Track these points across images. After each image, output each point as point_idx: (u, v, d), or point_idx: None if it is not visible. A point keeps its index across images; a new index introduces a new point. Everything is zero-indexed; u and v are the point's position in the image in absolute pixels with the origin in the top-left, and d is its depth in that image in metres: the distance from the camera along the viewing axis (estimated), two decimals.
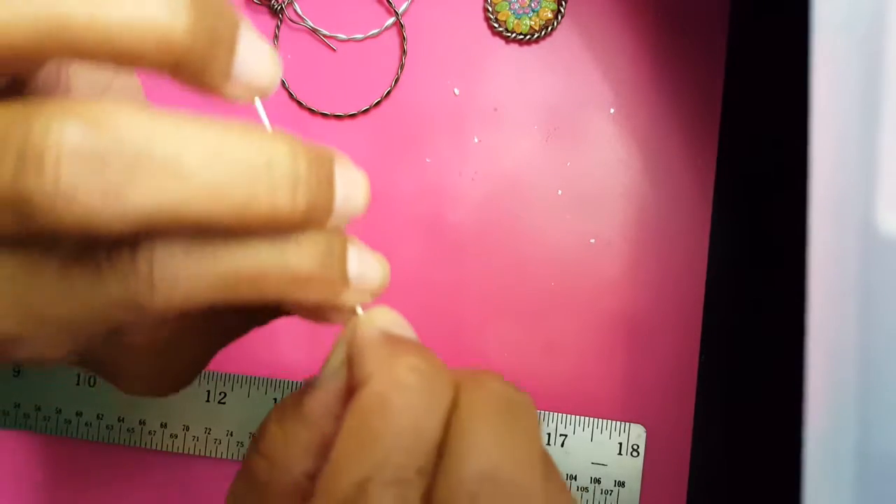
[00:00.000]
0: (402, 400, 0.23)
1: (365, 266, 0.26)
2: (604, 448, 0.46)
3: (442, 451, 0.23)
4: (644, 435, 0.46)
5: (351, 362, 0.25)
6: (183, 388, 0.31)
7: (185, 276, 0.21)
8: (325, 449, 0.25)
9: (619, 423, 0.46)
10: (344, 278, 0.25)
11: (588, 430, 0.46)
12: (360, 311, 0.27)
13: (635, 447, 0.46)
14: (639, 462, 0.45)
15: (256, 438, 0.26)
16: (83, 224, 0.19)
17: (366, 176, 0.25)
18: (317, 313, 0.27)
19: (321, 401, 0.25)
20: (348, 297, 0.25)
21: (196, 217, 0.20)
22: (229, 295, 0.22)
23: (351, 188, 0.24)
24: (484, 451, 0.22)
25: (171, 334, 0.28)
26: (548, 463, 0.26)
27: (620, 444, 0.46)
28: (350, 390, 0.25)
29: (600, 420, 0.46)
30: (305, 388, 0.26)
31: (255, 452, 0.26)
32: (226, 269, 0.22)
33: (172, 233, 0.21)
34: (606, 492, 0.45)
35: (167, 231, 0.21)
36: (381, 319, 0.26)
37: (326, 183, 0.23)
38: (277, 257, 0.22)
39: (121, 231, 0.19)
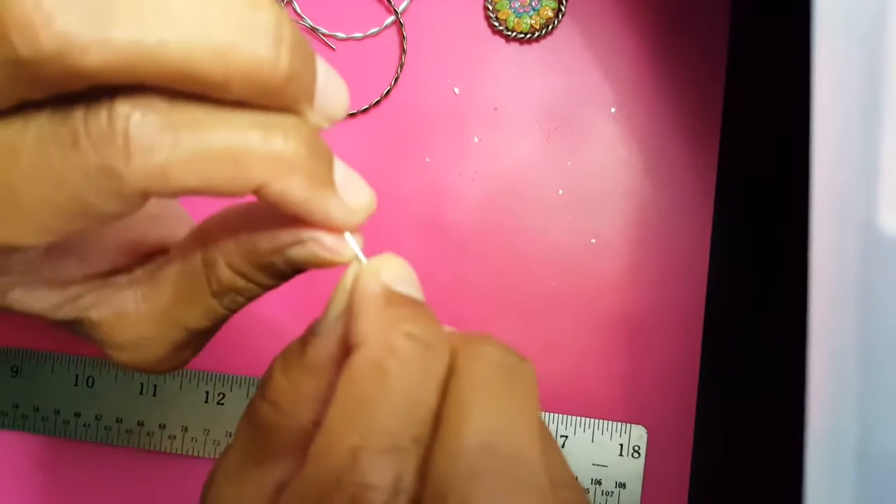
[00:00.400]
0: (397, 368, 0.22)
1: (352, 180, 0.26)
2: (604, 449, 0.46)
3: (439, 419, 0.23)
4: (645, 436, 0.45)
5: (349, 316, 0.25)
6: (182, 363, 0.31)
7: (163, 145, 0.21)
8: (330, 395, 0.25)
9: (619, 424, 0.46)
10: (330, 174, 0.24)
11: (589, 431, 0.46)
12: (361, 255, 0.26)
13: (636, 448, 0.45)
14: (640, 463, 0.45)
15: (262, 385, 0.26)
16: (61, 53, 0.18)
17: (346, 86, 0.25)
18: (316, 250, 0.26)
19: (323, 348, 0.25)
20: (335, 208, 0.25)
21: (177, 62, 0.20)
22: (211, 175, 0.22)
23: (332, 84, 0.24)
24: (482, 421, 0.22)
25: (173, 292, 0.28)
26: (544, 430, 0.25)
27: (621, 445, 0.45)
28: (347, 344, 0.24)
29: (601, 421, 0.46)
30: (308, 334, 0.26)
31: (261, 399, 0.25)
32: (205, 140, 0.21)
33: (151, 87, 0.20)
34: (607, 493, 0.45)
35: (146, 81, 0.20)
36: (388, 272, 0.25)
37: (309, 60, 0.22)
38: (261, 134, 0.22)
39: (98, 71, 0.19)
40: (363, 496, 0.21)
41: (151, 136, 0.20)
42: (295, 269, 0.27)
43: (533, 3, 0.47)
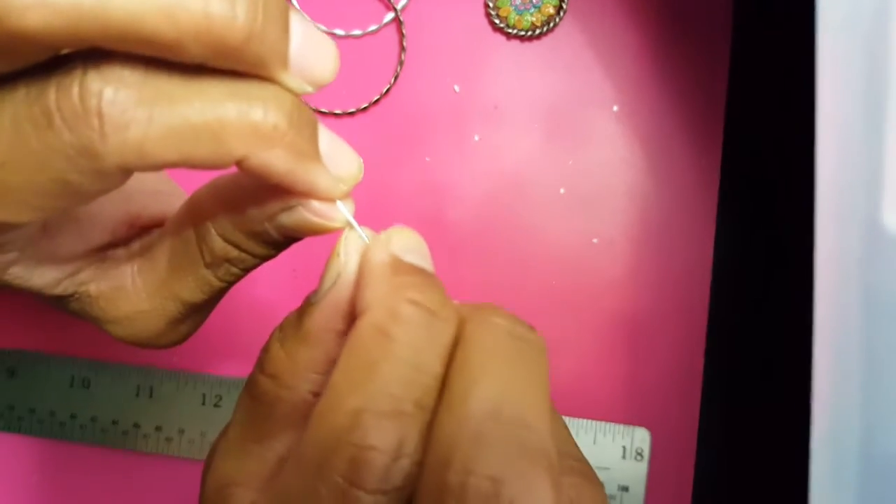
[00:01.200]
0: (401, 333, 0.22)
1: (338, 148, 0.25)
2: (606, 452, 0.45)
3: (444, 386, 0.22)
4: (649, 438, 0.45)
5: (357, 285, 0.25)
6: (180, 338, 0.31)
7: (138, 121, 0.20)
8: (329, 366, 0.25)
9: (622, 426, 0.45)
10: (314, 145, 0.24)
11: (590, 434, 0.45)
12: (353, 222, 0.26)
13: (639, 451, 0.45)
14: (643, 466, 0.45)
15: (260, 359, 0.26)
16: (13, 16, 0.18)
17: (336, 47, 0.24)
18: (307, 217, 0.26)
19: (320, 318, 0.25)
20: (321, 178, 0.24)
21: (122, 20, 0.19)
22: (189, 149, 0.21)
23: (313, 43, 0.23)
24: (489, 387, 0.22)
25: (168, 265, 0.29)
26: (553, 407, 0.25)
27: (624, 447, 0.45)
28: (353, 312, 0.24)
29: (603, 423, 0.45)
30: (304, 305, 0.26)
31: (260, 372, 0.25)
32: (181, 115, 0.21)
33: (119, 55, 0.20)
34: (610, 497, 0.45)
35: (96, 43, 0.20)
36: (399, 242, 0.25)
37: (276, 15, 0.21)
38: (238, 105, 0.22)
39: (41, 33, 0.19)
40: (363, 457, 0.21)
41: (125, 113, 0.20)
42: (286, 236, 0.27)
43: (534, 1, 0.47)
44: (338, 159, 0.25)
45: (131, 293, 0.29)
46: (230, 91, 0.22)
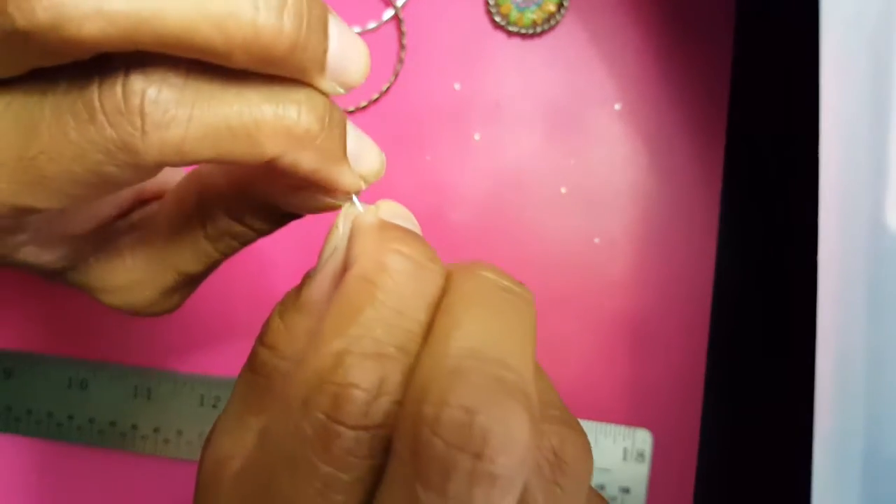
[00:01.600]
0: (386, 280, 0.23)
1: (364, 146, 0.26)
2: (608, 453, 0.45)
3: (428, 332, 0.23)
4: (650, 440, 0.45)
5: (348, 247, 0.25)
6: (170, 308, 0.32)
7: (178, 120, 0.21)
8: None
9: (623, 427, 0.45)
10: (343, 146, 0.25)
11: (591, 435, 0.45)
12: (358, 204, 0.26)
13: (641, 452, 0.45)
14: (644, 467, 0.45)
15: (261, 332, 0.26)
16: (55, 25, 0.19)
17: (367, 48, 0.25)
18: (316, 198, 0.27)
19: (317, 288, 0.26)
20: (345, 176, 0.25)
21: (175, 31, 0.20)
22: (225, 148, 0.22)
23: (348, 47, 0.24)
24: (470, 329, 0.22)
25: (167, 236, 0.29)
26: (539, 366, 0.25)
27: (625, 448, 0.45)
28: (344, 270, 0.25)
29: (604, 424, 0.45)
30: (303, 280, 0.26)
31: (260, 344, 0.26)
32: (219, 115, 0.22)
33: (153, 58, 0.21)
34: (611, 498, 0.44)
35: (150, 49, 0.21)
36: (387, 211, 0.26)
37: (318, 24, 0.23)
38: (274, 108, 0.23)
39: (96, 41, 0.20)
40: (345, 394, 0.21)
41: (166, 112, 0.21)
42: (290, 213, 0.28)
43: None
44: (363, 156, 0.26)
45: (128, 263, 0.30)
46: (267, 93, 0.23)
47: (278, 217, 0.29)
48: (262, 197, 0.28)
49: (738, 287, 0.45)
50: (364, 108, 0.48)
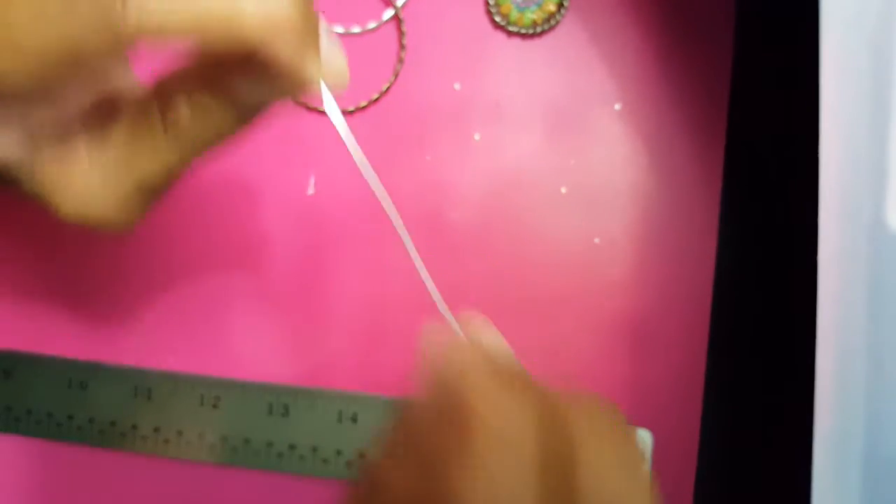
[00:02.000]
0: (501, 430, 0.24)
1: (332, 44, 0.27)
2: None
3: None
4: (650, 439, 0.45)
5: (452, 381, 0.27)
6: (129, 222, 0.31)
7: None
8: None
9: None
10: (315, 38, 0.26)
11: None
12: (326, 91, 0.27)
13: (640, 452, 0.45)
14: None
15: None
16: None
17: None
18: (282, 88, 0.27)
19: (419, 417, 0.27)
20: (316, 71, 0.26)
21: None
22: (206, 27, 0.23)
23: None
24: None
25: (125, 138, 0.29)
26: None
27: None
28: (451, 407, 0.26)
29: None
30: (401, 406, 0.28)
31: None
32: None
33: None
34: None
35: None
36: (486, 338, 0.29)
37: None
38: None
39: None
40: None
41: None
42: (258, 101, 0.28)
43: None
44: (334, 55, 0.27)
45: (85, 166, 0.29)
46: None
47: (242, 103, 0.28)
48: (224, 82, 0.27)
49: (738, 287, 0.45)
50: (364, 108, 0.47)
